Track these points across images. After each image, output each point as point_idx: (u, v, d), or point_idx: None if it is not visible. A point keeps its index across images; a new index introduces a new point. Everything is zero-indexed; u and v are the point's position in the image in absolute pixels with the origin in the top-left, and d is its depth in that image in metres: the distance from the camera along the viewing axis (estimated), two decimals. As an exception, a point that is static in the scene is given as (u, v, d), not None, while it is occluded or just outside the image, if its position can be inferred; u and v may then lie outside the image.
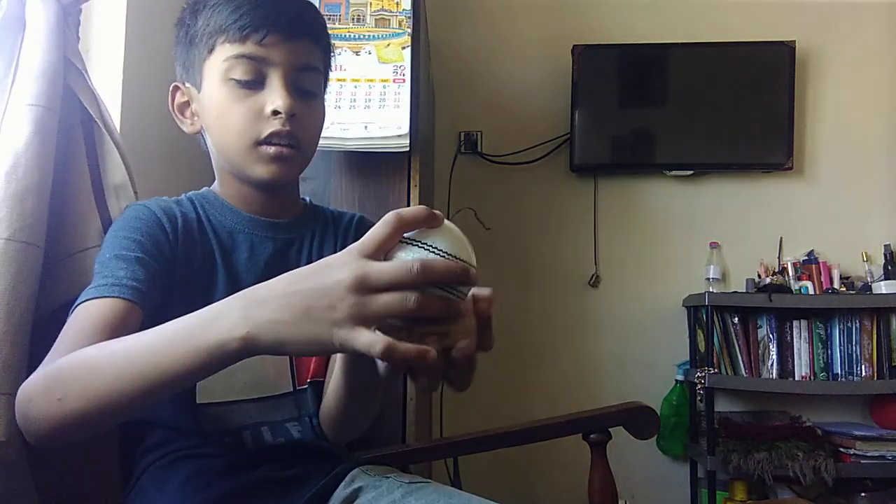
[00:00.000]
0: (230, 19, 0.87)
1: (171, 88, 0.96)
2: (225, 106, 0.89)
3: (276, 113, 0.87)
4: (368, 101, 1.51)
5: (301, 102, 0.90)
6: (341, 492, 0.88)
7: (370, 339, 0.54)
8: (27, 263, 0.83)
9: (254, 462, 0.88)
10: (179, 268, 0.88)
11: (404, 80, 1.52)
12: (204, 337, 0.60)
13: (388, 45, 1.55)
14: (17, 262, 0.82)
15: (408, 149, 1.51)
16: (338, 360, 0.83)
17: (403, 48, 1.55)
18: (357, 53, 1.53)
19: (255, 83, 0.88)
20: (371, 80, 1.52)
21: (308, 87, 0.92)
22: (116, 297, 0.77)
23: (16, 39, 0.92)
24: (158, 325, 0.69)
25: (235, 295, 0.61)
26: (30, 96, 0.87)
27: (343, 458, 0.97)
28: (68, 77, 0.93)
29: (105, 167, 0.96)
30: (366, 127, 1.50)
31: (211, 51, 0.89)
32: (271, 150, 0.88)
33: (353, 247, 0.56)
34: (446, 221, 0.59)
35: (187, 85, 0.94)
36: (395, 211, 0.56)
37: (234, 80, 0.88)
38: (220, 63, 0.88)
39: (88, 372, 0.65)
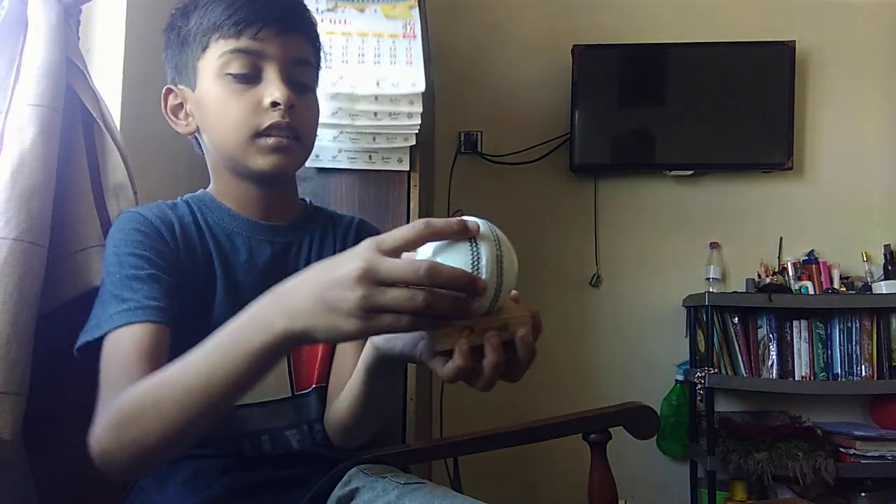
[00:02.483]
0: (224, 15, 0.88)
1: (163, 91, 0.96)
2: (222, 101, 0.89)
3: (274, 105, 0.88)
4: (378, 55, 1.42)
5: (297, 95, 0.90)
6: (339, 491, 0.88)
7: (388, 324, 0.56)
8: (32, 264, 0.83)
9: (253, 463, 0.88)
10: (183, 274, 0.87)
11: (415, 36, 1.44)
12: (249, 340, 0.62)
13: (394, 6, 1.47)
14: (23, 262, 0.81)
15: (421, 110, 1.44)
16: (358, 368, 0.82)
17: (411, 8, 1.48)
18: (362, 11, 1.46)
19: (251, 77, 0.89)
20: (379, 35, 1.44)
21: (303, 80, 0.93)
22: (145, 321, 0.78)
23: (17, 39, 0.92)
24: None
25: (270, 291, 0.63)
26: (33, 96, 0.87)
27: (341, 460, 0.97)
28: (70, 77, 0.93)
29: (105, 167, 0.96)
30: (378, 83, 1.40)
31: (205, 48, 0.90)
32: (271, 140, 0.88)
33: (373, 239, 0.57)
34: (484, 228, 0.59)
35: (180, 86, 0.94)
36: (427, 220, 0.57)
37: (230, 74, 0.88)
38: (216, 59, 0.89)
39: (156, 409, 0.66)
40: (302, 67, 0.93)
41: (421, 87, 1.40)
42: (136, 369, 0.74)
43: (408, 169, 1.53)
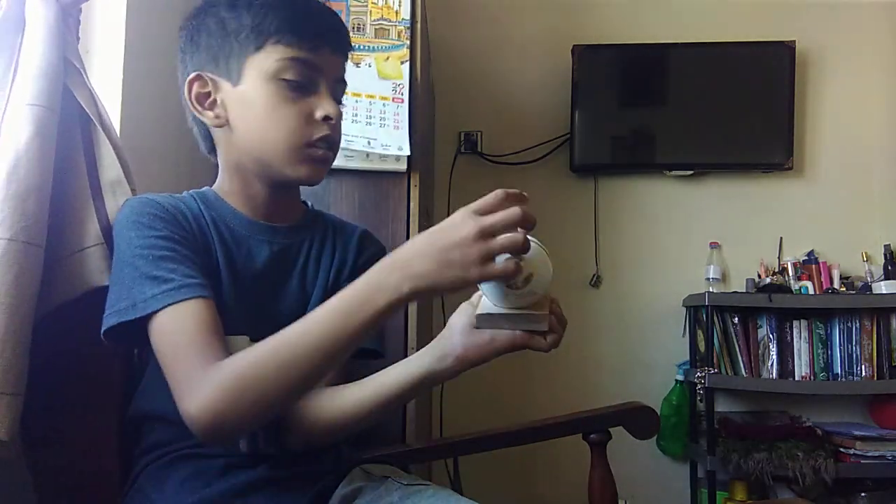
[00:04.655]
0: (288, 23, 0.90)
1: (189, 78, 0.93)
2: (273, 105, 0.90)
3: (326, 119, 0.91)
4: (370, 118, 1.55)
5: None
6: (341, 490, 0.89)
7: (503, 268, 0.70)
8: (28, 264, 0.82)
9: (253, 462, 0.88)
10: (201, 257, 0.89)
11: (402, 101, 1.56)
12: (375, 303, 0.72)
13: (388, 58, 1.57)
14: (18, 262, 0.81)
15: (405, 170, 1.56)
16: (405, 375, 0.86)
17: (402, 62, 1.57)
18: (357, 66, 1.56)
19: (304, 87, 0.91)
20: (371, 97, 1.55)
21: (340, 98, 0.97)
22: (196, 297, 0.81)
23: (15, 39, 0.92)
24: None
25: (384, 262, 0.73)
26: (30, 96, 0.87)
27: (343, 457, 0.97)
28: (67, 77, 0.93)
29: (101, 164, 0.95)
30: (369, 142, 1.53)
31: (259, 48, 0.90)
32: (320, 152, 0.92)
33: (469, 208, 0.72)
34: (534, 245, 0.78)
35: (212, 76, 0.93)
36: (501, 189, 0.74)
37: (285, 80, 0.90)
38: (272, 62, 0.90)
39: (280, 370, 0.74)
40: (341, 86, 0.98)
41: (406, 151, 1.53)
42: (209, 343, 0.78)
43: (405, 167, 1.53)
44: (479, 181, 2.65)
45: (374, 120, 1.55)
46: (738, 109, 2.56)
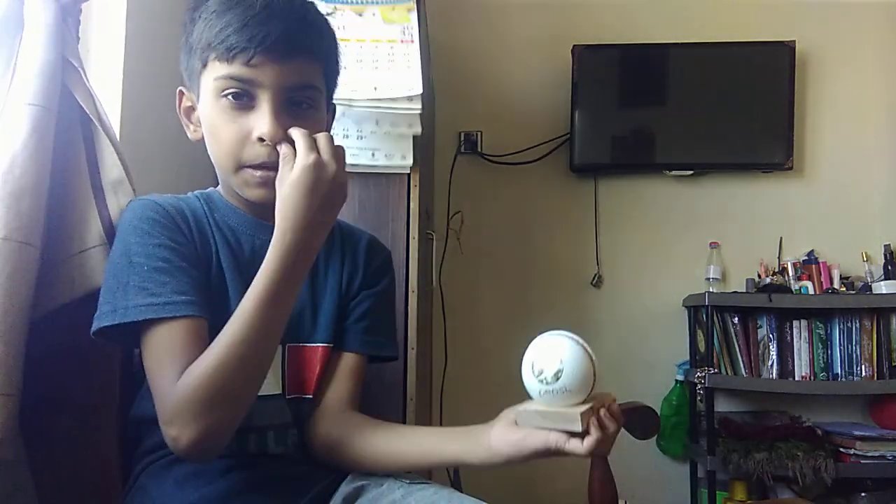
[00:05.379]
0: (219, 38, 0.84)
1: (177, 92, 0.95)
2: (216, 124, 0.88)
3: (262, 140, 0.85)
4: (376, 61, 1.42)
5: (293, 122, 0.85)
6: (344, 488, 0.89)
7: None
8: (23, 263, 0.82)
9: (255, 461, 0.88)
10: (199, 264, 0.89)
11: (412, 41, 1.43)
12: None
13: (394, 8, 1.47)
14: (12, 261, 0.81)
15: (420, 111, 1.44)
16: (454, 455, 0.88)
17: (409, 11, 1.48)
18: (360, 15, 1.45)
19: (244, 104, 0.86)
20: (377, 41, 1.42)
21: (303, 103, 0.89)
22: (179, 317, 0.81)
23: (14, 39, 0.92)
24: None
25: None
26: (28, 96, 0.87)
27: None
28: (66, 77, 0.93)
29: (103, 164, 0.95)
30: (375, 88, 1.40)
31: (204, 65, 0.88)
32: (257, 174, 0.87)
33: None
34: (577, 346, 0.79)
35: (191, 92, 0.93)
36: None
37: (225, 98, 0.86)
38: (212, 81, 0.87)
39: (236, 360, 0.76)
40: (302, 92, 0.88)
41: (418, 90, 1.41)
42: (182, 367, 0.78)
43: (411, 164, 1.51)
44: (479, 181, 2.65)
45: (381, 63, 1.41)
46: (738, 109, 2.55)
